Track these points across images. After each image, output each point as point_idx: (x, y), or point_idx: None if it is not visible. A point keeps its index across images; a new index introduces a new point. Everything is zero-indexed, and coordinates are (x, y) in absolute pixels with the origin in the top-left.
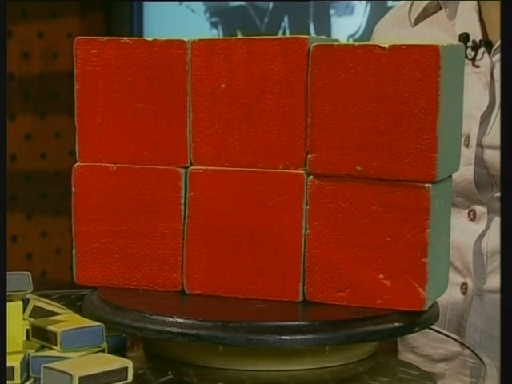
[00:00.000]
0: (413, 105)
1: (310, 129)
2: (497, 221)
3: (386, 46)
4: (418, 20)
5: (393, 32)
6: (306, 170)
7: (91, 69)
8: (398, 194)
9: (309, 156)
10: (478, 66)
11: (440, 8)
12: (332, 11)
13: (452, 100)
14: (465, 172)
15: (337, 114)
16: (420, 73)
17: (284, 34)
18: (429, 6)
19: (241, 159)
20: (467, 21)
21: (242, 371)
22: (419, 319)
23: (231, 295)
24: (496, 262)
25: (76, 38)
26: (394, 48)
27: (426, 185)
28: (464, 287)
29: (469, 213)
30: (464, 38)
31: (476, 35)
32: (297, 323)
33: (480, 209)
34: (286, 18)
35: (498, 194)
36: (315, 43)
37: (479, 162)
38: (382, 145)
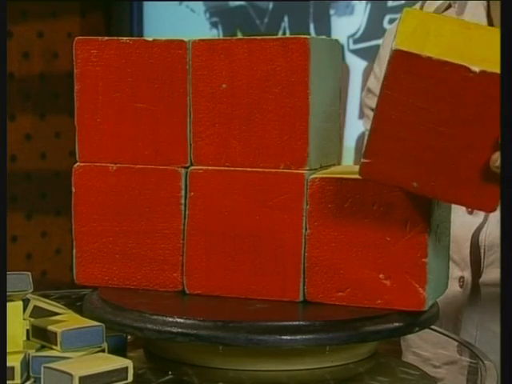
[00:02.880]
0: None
1: (373, 135)
2: (494, 215)
3: (477, 70)
4: None
5: None
6: (306, 169)
7: (91, 69)
8: (398, 193)
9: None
10: None
11: (450, 6)
12: (332, 11)
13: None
14: None
15: (397, 124)
16: None
17: (284, 34)
18: (440, 6)
19: (241, 159)
20: (475, 17)
21: (242, 371)
22: (419, 319)
23: (231, 295)
24: (493, 256)
25: (76, 38)
26: (485, 74)
27: None
28: (462, 280)
29: None
30: None
31: None
32: (297, 323)
33: None
34: (286, 18)
35: None
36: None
37: None
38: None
